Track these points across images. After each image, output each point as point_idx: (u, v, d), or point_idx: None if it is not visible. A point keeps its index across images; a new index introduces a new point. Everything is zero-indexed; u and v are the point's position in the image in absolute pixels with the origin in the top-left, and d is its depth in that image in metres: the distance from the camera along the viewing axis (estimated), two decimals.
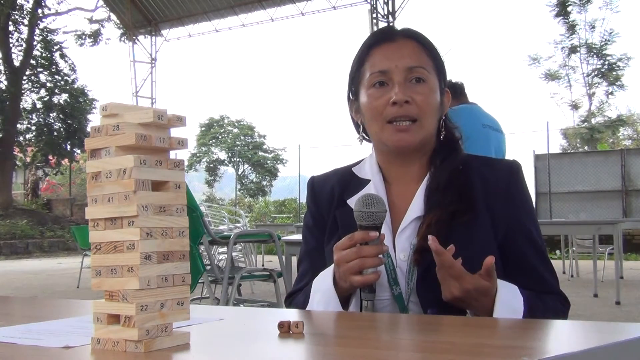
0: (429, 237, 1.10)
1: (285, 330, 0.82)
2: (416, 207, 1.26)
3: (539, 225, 1.30)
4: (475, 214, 1.22)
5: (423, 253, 1.18)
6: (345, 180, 1.36)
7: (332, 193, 1.35)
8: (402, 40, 1.30)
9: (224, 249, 6.47)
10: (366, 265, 1.10)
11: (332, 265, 1.17)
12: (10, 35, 20.40)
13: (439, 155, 1.31)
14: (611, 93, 23.78)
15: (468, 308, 1.14)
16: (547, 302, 1.20)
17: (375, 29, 14.45)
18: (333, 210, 1.33)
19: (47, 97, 21.34)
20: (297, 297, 1.33)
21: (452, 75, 1.36)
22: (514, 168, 1.29)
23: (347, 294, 1.18)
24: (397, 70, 1.25)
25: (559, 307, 1.23)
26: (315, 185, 1.41)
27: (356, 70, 1.33)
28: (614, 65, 23.43)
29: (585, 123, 23.60)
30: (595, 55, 23.55)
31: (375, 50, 1.30)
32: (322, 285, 1.19)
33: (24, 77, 20.64)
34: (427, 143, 1.30)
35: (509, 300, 1.12)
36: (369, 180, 1.33)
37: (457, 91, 3.62)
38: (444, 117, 1.32)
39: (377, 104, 1.26)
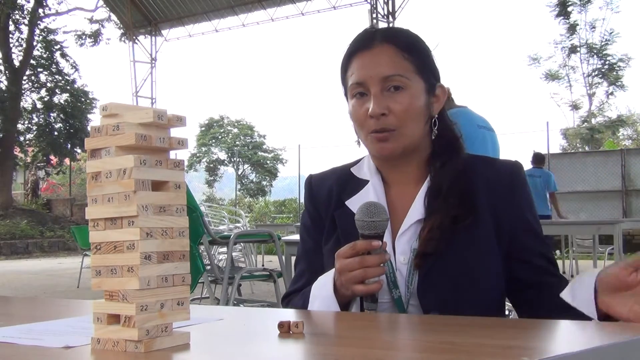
0: None
1: (285, 330, 0.82)
2: (416, 210, 1.24)
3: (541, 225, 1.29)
4: (477, 216, 1.20)
5: (424, 257, 1.18)
6: (343, 180, 1.34)
7: (330, 193, 1.34)
8: (379, 47, 1.25)
9: (224, 249, 6.47)
10: (369, 275, 1.10)
11: (332, 271, 1.16)
12: (10, 35, 20.39)
13: (439, 156, 1.28)
14: (611, 93, 23.79)
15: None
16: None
17: None
18: (331, 211, 1.31)
19: (48, 97, 21.34)
20: (295, 299, 1.31)
21: (453, 75, 1.34)
22: (516, 168, 1.28)
23: (347, 301, 1.17)
24: (372, 81, 1.22)
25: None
26: (313, 184, 1.39)
27: (342, 77, 1.32)
28: (614, 66, 23.44)
29: (585, 123, 23.60)
30: (595, 56, 23.55)
31: (354, 58, 1.27)
32: (322, 291, 1.18)
33: (24, 77, 20.63)
34: (415, 147, 1.27)
35: None
36: (368, 181, 1.31)
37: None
38: (436, 117, 1.28)
39: (357, 115, 1.25)
